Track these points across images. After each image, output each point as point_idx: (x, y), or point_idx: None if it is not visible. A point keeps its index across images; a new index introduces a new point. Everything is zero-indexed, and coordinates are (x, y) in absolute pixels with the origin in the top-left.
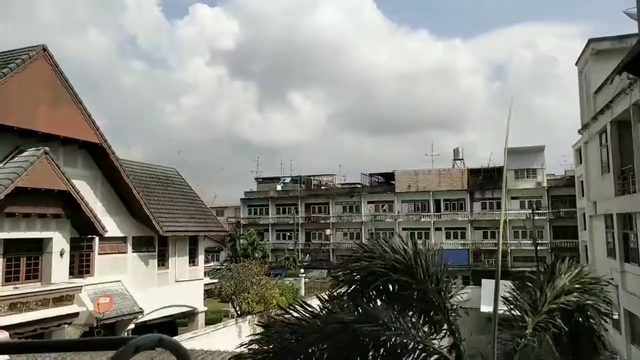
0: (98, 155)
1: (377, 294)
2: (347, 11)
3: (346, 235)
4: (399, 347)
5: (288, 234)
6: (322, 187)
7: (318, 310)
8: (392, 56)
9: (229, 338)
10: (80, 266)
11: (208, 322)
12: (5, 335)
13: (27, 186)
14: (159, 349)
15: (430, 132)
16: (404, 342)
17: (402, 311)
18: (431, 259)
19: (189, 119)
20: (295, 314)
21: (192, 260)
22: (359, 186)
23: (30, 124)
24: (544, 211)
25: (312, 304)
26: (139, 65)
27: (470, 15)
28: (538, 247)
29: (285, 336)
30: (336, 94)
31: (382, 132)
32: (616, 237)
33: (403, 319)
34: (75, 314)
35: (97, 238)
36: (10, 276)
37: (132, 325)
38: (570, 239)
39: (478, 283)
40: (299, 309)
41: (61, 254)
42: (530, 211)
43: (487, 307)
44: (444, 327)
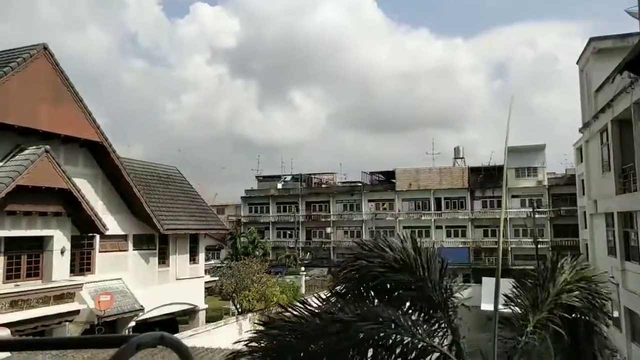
0: (99, 154)
1: (376, 292)
2: (347, 9)
3: (347, 234)
4: (400, 345)
5: (289, 232)
6: (322, 186)
7: (318, 308)
8: (393, 55)
9: (230, 336)
10: (81, 264)
11: (209, 320)
12: (6, 333)
13: (28, 184)
14: (159, 347)
15: (430, 131)
16: (404, 340)
17: (402, 309)
18: (431, 257)
19: (190, 117)
20: (295, 313)
21: (193, 258)
22: (359, 184)
23: (31, 123)
24: (545, 209)
25: (313, 302)
26: (139, 64)
27: (470, 13)
28: (539, 246)
29: (285, 334)
30: (336, 93)
31: (383, 131)
32: (617, 236)
33: (403, 317)
34: (76, 312)
35: (97, 236)
36: (12, 274)
37: (133, 323)
38: (570, 238)
39: (479, 281)
40: (298, 307)
41: (62, 252)
42: (531, 209)
43: (488, 305)
44: (444, 325)
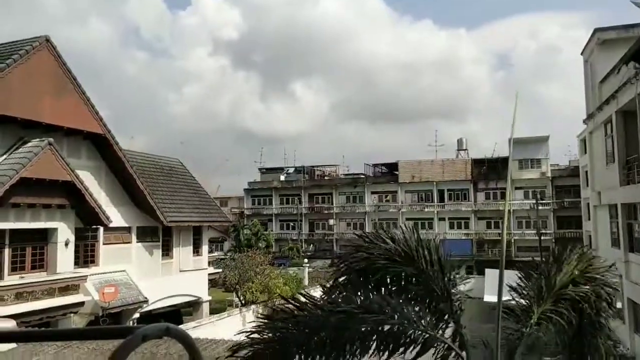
0: (102, 146)
1: (379, 284)
2: None
3: (350, 226)
4: (403, 336)
5: (292, 224)
6: (325, 178)
7: (320, 300)
8: (395, 45)
9: (234, 327)
10: (85, 256)
11: (212, 312)
12: (12, 324)
13: (31, 177)
14: (164, 337)
15: (432, 122)
16: (407, 331)
17: (405, 301)
18: (433, 249)
19: (192, 109)
20: (298, 304)
21: (196, 250)
22: (362, 176)
23: (34, 115)
24: (548, 201)
25: (316, 293)
26: (141, 56)
27: (473, 5)
28: (542, 237)
29: (288, 326)
30: (338, 84)
31: (385, 122)
32: (620, 227)
33: (406, 308)
34: (81, 303)
35: (101, 228)
36: (17, 266)
37: (137, 315)
38: (574, 229)
39: (482, 273)
40: (301, 299)
41: (66, 244)
42: (534, 201)
43: (491, 297)
44: (446, 316)
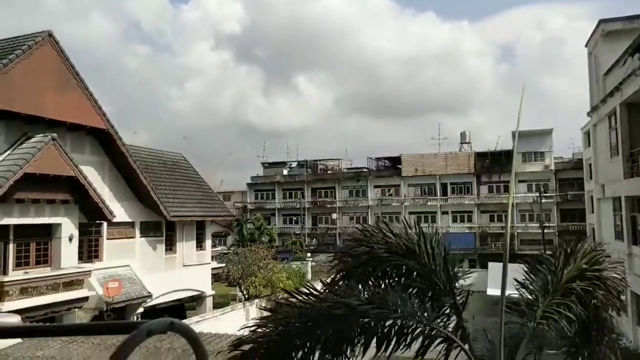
0: (105, 141)
1: (380, 277)
2: None
3: (352, 220)
4: (405, 329)
5: (295, 218)
6: (328, 172)
7: (323, 293)
8: (398, 39)
9: (237, 321)
10: (89, 251)
11: (216, 306)
12: (17, 319)
13: (35, 172)
14: (168, 332)
15: (435, 116)
16: (410, 324)
17: (407, 294)
18: (435, 242)
19: (194, 105)
20: (301, 298)
21: (200, 245)
22: (365, 170)
23: (37, 111)
24: (552, 194)
25: (318, 287)
26: (143, 51)
27: None
28: (545, 230)
29: (291, 320)
30: (341, 78)
31: (388, 116)
32: (624, 220)
33: (408, 301)
34: (85, 298)
35: (105, 223)
36: (21, 261)
37: (141, 309)
38: (577, 222)
39: (485, 266)
40: (304, 292)
41: (70, 239)
42: (538, 194)
43: (494, 290)
44: (448, 309)
